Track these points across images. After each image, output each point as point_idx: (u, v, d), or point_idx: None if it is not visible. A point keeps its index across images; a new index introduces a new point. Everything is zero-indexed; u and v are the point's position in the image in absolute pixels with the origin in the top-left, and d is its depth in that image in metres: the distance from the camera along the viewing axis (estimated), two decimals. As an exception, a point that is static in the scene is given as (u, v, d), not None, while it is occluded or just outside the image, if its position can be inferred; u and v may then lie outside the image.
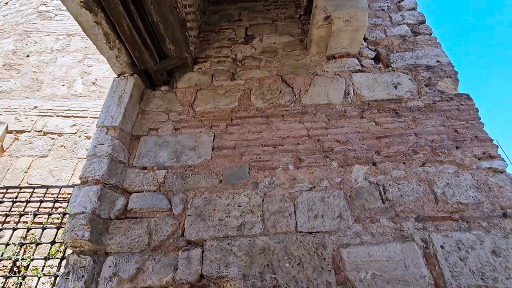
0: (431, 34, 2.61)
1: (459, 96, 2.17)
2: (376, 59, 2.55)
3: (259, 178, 1.97)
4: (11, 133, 3.35)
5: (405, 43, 2.59)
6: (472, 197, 1.73)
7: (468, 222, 1.66)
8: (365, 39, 2.68)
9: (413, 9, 2.90)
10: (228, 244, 1.72)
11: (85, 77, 3.95)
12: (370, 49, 2.60)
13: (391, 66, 2.45)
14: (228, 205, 1.87)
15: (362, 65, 2.50)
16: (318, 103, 2.30)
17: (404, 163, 1.91)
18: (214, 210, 1.86)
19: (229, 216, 1.82)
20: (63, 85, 3.85)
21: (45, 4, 4.84)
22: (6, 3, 5.18)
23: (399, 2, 2.99)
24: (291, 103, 2.34)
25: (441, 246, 1.59)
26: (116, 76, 2.38)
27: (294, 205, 1.83)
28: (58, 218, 2.55)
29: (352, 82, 2.39)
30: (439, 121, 2.06)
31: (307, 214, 1.77)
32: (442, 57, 2.41)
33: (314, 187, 1.88)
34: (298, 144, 2.10)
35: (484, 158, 1.86)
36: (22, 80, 3.84)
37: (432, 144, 1.96)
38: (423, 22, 2.74)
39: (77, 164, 3.28)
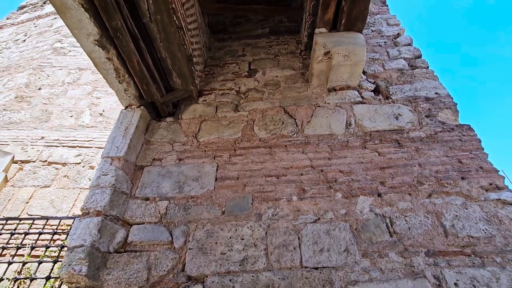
0: (427, 67, 2.71)
1: (460, 126, 2.19)
2: (376, 91, 2.63)
3: (262, 210, 1.93)
4: (16, 163, 3.38)
5: (403, 76, 2.68)
6: (483, 230, 1.67)
7: (481, 257, 1.59)
8: (364, 72, 2.78)
9: (409, 44, 3.05)
10: (230, 280, 1.64)
11: (93, 109, 4.07)
12: (370, 82, 2.69)
13: (390, 98, 2.51)
14: (230, 237, 1.81)
15: (362, 97, 2.57)
16: (321, 134, 2.33)
17: (410, 194, 1.88)
18: (216, 243, 1.80)
19: (232, 249, 1.76)
20: (71, 116, 3.96)
21: (60, 41, 5.14)
22: (24, 40, 5.52)
23: (395, 38, 3.14)
24: (294, 134, 2.37)
25: (455, 284, 1.51)
26: (124, 108, 2.45)
27: (298, 238, 1.77)
28: (55, 251, 2.47)
29: (353, 113, 2.44)
30: (442, 151, 2.06)
31: (312, 248, 1.71)
32: (440, 89, 2.48)
33: (318, 219, 1.84)
34: (301, 174, 2.09)
35: (492, 189, 1.83)
36: (32, 112, 3.96)
37: (437, 174, 1.94)
38: (419, 56, 2.86)
39: (78, 194, 3.26)
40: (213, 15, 3.84)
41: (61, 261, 1.92)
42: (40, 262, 2.11)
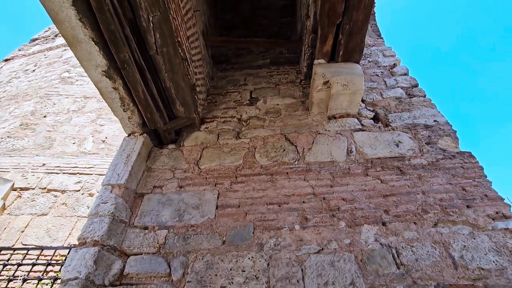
0: (425, 96, 2.78)
1: (462, 154, 2.20)
2: (375, 119, 2.67)
3: (264, 239, 1.87)
4: (15, 190, 3.36)
5: (401, 104, 2.74)
6: (494, 261, 1.61)
7: (495, 292, 1.51)
8: (363, 100, 2.85)
9: (405, 74, 3.15)
10: (230, 316, 1.55)
11: (96, 136, 4.11)
12: (369, 110, 2.74)
13: (390, 125, 2.54)
14: (231, 269, 1.74)
15: (362, 125, 2.60)
16: (322, 161, 2.33)
17: (415, 223, 1.83)
18: (216, 275, 1.73)
19: (232, 282, 1.69)
20: (74, 143, 3.99)
21: (68, 71, 5.34)
22: (33, 70, 5.73)
23: (391, 68, 3.26)
24: (295, 161, 2.37)
25: (469, 321, 1.42)
26: (127, 135, 2.49)
27: (302, 270, 1.70)
28: (48, 284, 2.37)
29: (354, 140, 2.46)
30: (445, 179, 2.04)
31: (316, 281, 1.64)
32: (438, 117, 2.52)
33: (322, 249, 1.78)
34: (303, 202, 2.06)
35: (498, 218, 1.79)
36: (36, 139, 4.00)
37: (442, 203, 1.91)
38: (416, 85, 2.94)
39: (76, 222, 3.19)
40: (217, 47, 4.02)
41: (53, 294, 1.83)
42: (31, 296, 2.01)
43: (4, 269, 2.21)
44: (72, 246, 1.78)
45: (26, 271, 2.26)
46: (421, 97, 2.79)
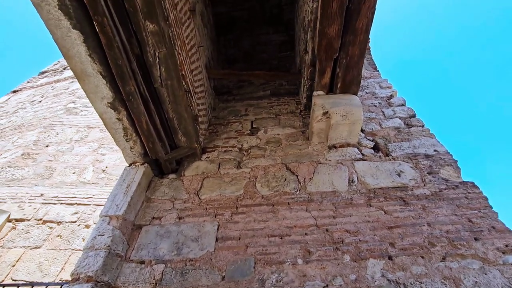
0: (423, 126, 2.82)
1: (464, 184, 2.18)
2: (376, 148, 2.68)
3: (265, 275, 1.79)
4: (10, 221, 3.28)
5: (400, 134, 2.77)
6: (509, 299, 1.52)
7: (514, 333, 1.41)
8: (362, 130, 2.89)
9: (402, 105, 3.22)
10: None
11: (97, 165, 4.11)
12: (369, 140, 2.77)
13: (391, 155, 2.55)
14: (231, 308, 1.65)
15: (363, 154, 2.61)
16: (324, 191, 2.30)
17: (422, 257, 1.76)
18: (215, 315, 1.62)
19: (232, 323, 1.58)
20: (73, 173, 3.97)
21: (73, 102, 5.48)
22: (40, 101, 5.88)
23: (388, 99, 3.35)
24: (297, 191, 2.34)
25: None
26: (128, 165, 2.49)
27: (306, 308, 1.60)
28: (35, 324, 2.22)
29: (355, 170, 2.45)
30: (450, 210, 2.00)
31: (322, 321, 1.54)
32: (438, 146, 2.54)
33: (327, 285, 1.69)
34: (306, 234, 2.00)
35: (509, 251, 1.72)
36: (36, 168, 4.00)
37: (449, 235, 1.85)
38: (413, 115, 3.00)
39: (69, 256, 3.07)
40: (219, 79, 4.17)
41: (40, 337, 1.71)
42: (16, 338, 1.87)
43: (-10, 307, 2.09)
44: (64, 282, 1.70)
45: (13, 310, 2.13)
46: (420, 127, 2.83)
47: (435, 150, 2.52)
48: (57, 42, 1.74)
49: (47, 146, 4.43)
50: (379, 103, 3.32)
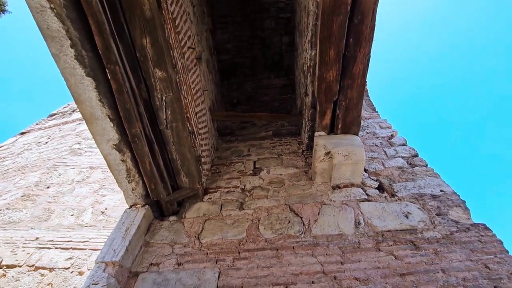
0: (427, 165, 2.81)
1: (476, 226, 2.09)
2: (380, 188, 2.64)
3: (270, 330, 1.64)
4: (1, 268, 3.11)
5: (404, 174, 2.75)
6: None
7: None
8: (365, 170, 2.87)
9: (404, 144, 3.25)
10: None
11: (96, 207, 4.03)
12: (373, 180, 2.74)
13: (396, 195, 2.50)
14: None
15: (367, 195, 2.56)
16: (329, 234, 2.21)
17: (441, 308, 1.62)
18: None
19: None
20: (72, 215, 3.88)
21: (79, 143, 5.58)
22: (46, 142, 6.00)
23: (389, 139, 3.39)
24: (301, 234, 2.25)
25: None
26: (128, 207, 2.44)
27: None
28: None
29: (361, 211, 2.38)
30: (464, 254, 1.90)
31: None
32: (444, 186, 2.50)
33: None
34: (312, 282, 1.87)
35: (534, 302, 1.59)
36: (34, 211, 3.92)
37: (466, 283, 1.73)
38: (416, 155, 3.01)
39: (59, 307, 2.85)
40: (222, 120, 4.29)
41: None
42: None
43: None
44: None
45: None
46: (423, 166, 2.82)
47: (441, 190, 2.47)
48: (70, 88, 1.84)
49: (48, 187, 4.40)
50: (380, 142, 3.35)
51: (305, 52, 3.26)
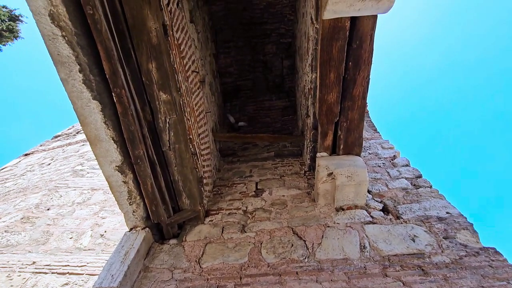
0: (431, 186, 2.78)
1: (485, 250, 2.03)
2: (385, 210, 2.59)
3: None
4: (-5, 294, 3.01)
5: (408, 195, 2.71)
6: None
7: None
8: (369, 191, 2.84)
9: (407, 165, 3.23)
10: None
11: (95, 229, 3.96)
12: (377, 201, 2.70)
13: (402, 218, 2.45)
14: None
15: (372, 217, 2.51)
16: (334, 258, 2.15)
17: None
18: None
19: None
20: (70, 238, 3.81)
21: (81, 164, 5.59)
22: (49, 164, 6.03)
23: (392, 160, 3.37)
24: (305, 258, 2.19)
25: None
26: (128, 230, 2.40)
27: None
28: None
29: (366, 234, 2.33)
30: (475, 281, 1.82)
31: None
32: (450, 208, 2.45)
33: None
34: (318, 310, 1.79)
35: (553, 333, 1.50)
36: (33, 233, 3.86)
37: (479, 311, 1.64)
38: (419, 176, 2.98)
39: (52, 337, 2.72)
40: (224, 142, 4.31)
41: None
42: None
43: None
44: None
45: None
46: (428, 187, 2.78)
47: (447, 213, 2.42)
48: (76, 111, 1.88)
49: (48, 209, 4.36)
50: (383, 163, 3.34)
51: (305, 75, 3.35)
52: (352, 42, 2.15)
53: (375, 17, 2.03)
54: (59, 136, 8.07)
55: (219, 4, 4.44)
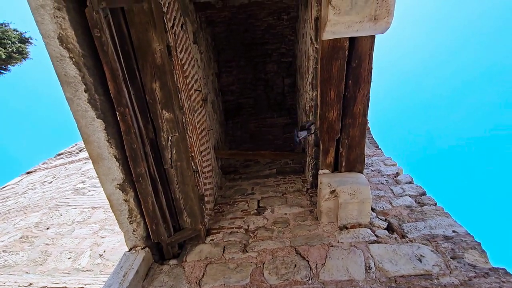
0: (436, 204, 2.73)
1: (495, 271, 1.96)
2: (390, 229, 2.54)
3: None
4: (-11, 317, 2.92)
5: (413, 213, 2.66)
6: None
7: None
8: (373, 209, 2.79)
9: (410, 182, 3.20)
10: None
11: (94, 249, 3.89)
12: (381, 219, 2.65)
13: (407, 237, 2.39)
14: None
15: (376, 236, 2.46)
16: (339, 280, 2.08)
17: None
18: None
19: None
20: (69, 258, 3.73)
21: (83, 182, 5.58)
22: (51, 182, 6.02)
23: (395, 177, 3.34)
24: (309, 279, 2.12)
25: None
26: (128, 250, 2.36)
27: None
28: None
29: (371, 254, 2.26)
30: (487, 303, 1.75)
31: None
32: (456, 227, 2.39)
33: None
34: (323, 336, 1.71)
35: None
36: (31, 253, 3.79)
37: (493, 337, 1.56)
38: (423, 193, 2.94)
39: None
40: (226, 159, 4.31)
41: None
42: None
43: None
44: None
45: None
46: (432, 205, 2.74)
47: (453, 231, 2.36)
48: (80, 129, 1.90)
49: (47, 228, 4.31)
50: (386, 180, 3.31)
51: (306, 93, 3.40)
52: (352, 61, 2.20)
53: (373, 37, 2.09)
54: (62, 154, 8.12)
55: (221, 26, 4.60)
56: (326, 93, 2.37)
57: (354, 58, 2.19)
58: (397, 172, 3.46)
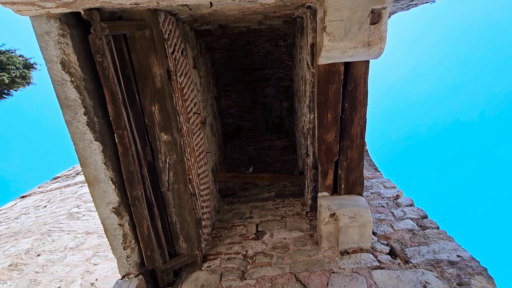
0: (438, 228, 2.67)
1: (505, 298, 1.87)
2: (392, 254, 2.46)
3: None
4: None
5: (415, 237, 2.59)
6: None
7: None
8: (374, 233, 2.72)
9: (411, 205, 3.15)
10: None
11: (86, 277, 3.71)
12: (383, 244, 2.57)
13: (410, 262, 2.31)
14: None
15: (379, 261, 2.38)
16: (342, 309, 1.97)
17: None
18: None
19: None
20: (59, 287, 3.56)
21: (78, 207, 5.46)
22: (45, 206, 5.89)
23: (395, 199, 3.30)
24: (310, 309, 2.01)
25: None
26: (121, 277, 2.25)
27: None
28: None
29: (374, 281, 2.17)
30: (499, 334, 1.65)
31: None
32: (461, 251, 2.32)
33: None
34: None
35: None
36: (19, 282, 3.61)
37: None
38: (425, 216, 2.88)
39: None
40: (224, 182, 4.27)
41: None
42: None
43: None
44: None
45: None
46: (435, 229, 2.68)
47: (458, 256, 2.29)
48: (77, 152, 1.90)
49: (38, 255, 4.14)
50: (387, 203, 3.26)
51: (304, 116, 3.44)
52: (347, 84, 2.26)
53: (367, 62, 2.16)
54: (58, 177, 8.02)
55: (221, 52, 4.76)
56: (323, 115, 2.40)
57: (349, 81, 2.25)
58: (397, 195, 3.42)
